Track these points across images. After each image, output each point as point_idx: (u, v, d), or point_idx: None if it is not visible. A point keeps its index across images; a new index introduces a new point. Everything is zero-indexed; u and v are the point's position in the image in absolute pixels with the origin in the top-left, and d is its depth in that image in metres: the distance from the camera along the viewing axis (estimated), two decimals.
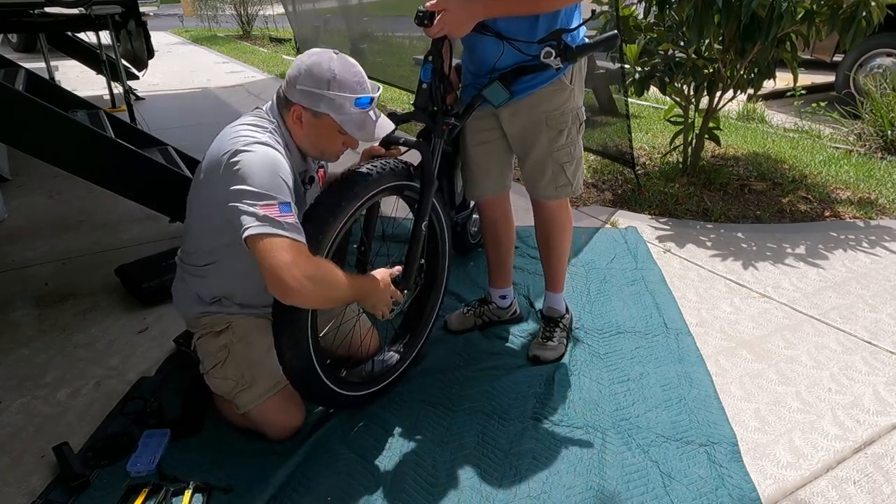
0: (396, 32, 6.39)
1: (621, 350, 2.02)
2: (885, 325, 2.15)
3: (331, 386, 1.61)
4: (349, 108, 1.46)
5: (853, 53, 5.08)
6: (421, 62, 1.72)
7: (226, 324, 1.62)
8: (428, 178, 1.69)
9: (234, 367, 1.59)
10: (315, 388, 1.60)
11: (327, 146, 1.55)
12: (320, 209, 1.50)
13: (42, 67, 5.57)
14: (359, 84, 1.48)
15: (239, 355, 1.60)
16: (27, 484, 1.52)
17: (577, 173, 1.87)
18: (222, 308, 1.63)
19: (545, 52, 1.59)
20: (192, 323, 1.68)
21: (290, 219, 1.34)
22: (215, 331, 1.62)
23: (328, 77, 1.44)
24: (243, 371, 1.59)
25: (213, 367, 1.60)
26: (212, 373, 1.61)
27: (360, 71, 1.50)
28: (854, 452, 1.60)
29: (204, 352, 1.63)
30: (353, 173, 1.58)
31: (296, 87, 1.46)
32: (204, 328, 1.63)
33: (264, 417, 1.60)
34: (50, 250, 2.79)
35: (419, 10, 1.60)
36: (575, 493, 1.47)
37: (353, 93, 1.46)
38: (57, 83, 5.10)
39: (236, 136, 1.43)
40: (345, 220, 1.52)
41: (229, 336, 1.61)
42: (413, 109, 1.75)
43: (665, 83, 3.27)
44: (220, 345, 1.60)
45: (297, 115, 1.48)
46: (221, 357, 1.60)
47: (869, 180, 3.51)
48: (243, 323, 1.62)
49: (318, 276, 1.35)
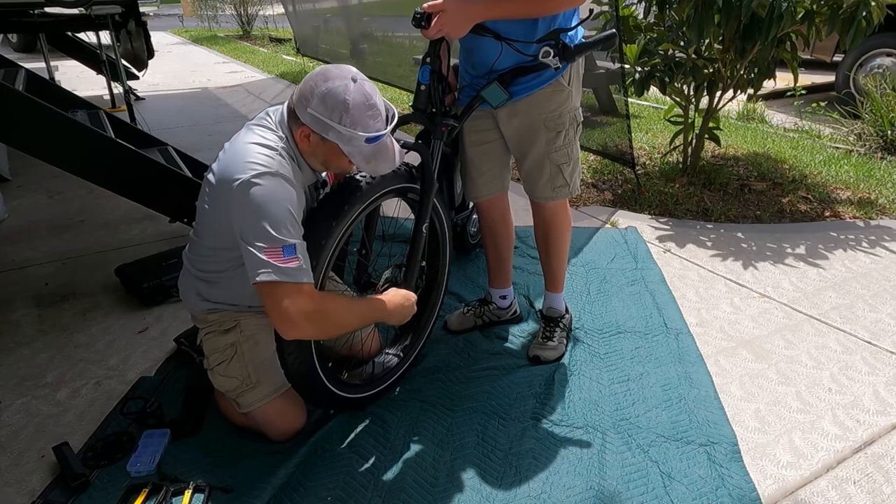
0: (396, 32, 6.39)
1: (621, 350, 2.02)
2: (885, 325, 2.15)
3: (333, 389, 1.62)
4: (359, 142, 1.41)
5: (853, 53, 5.09)
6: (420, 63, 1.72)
7: (234, 321, 1.61)
8: (428, 181, 1.68)
9: (239, 367, 1.59)
10: (318, 392, 1.60)
11: (335, 165, 1.52)
12: (324, 213, 1.50)
13: (42, 67, 5.57)
14: (372, 118, 1.42)
15: (246, 355, 1.59)
16: (27, 484, 1.52)
17: (574, 174, 1.87)
18: (231, 305, 1.62)
19: (543, 51, 1.59)
20: (198, 317, 1.66)
21: (294, 263, 1.37)
22: (223, 329, 1.61)
23: (341, 110, 1.38)
24: (249, 371, 1.59)
25: (218, 364, 1.60)
26: (217, 370, 1.60)
27: (377, 103, 1.43)
28: (854, 452, 1.60)
29: (210, 348, 1.62)
30: (356, 177, 1.58)
31: (307, 109, 1.40)
32: (211, 325, 1.63)
33: (266, 419, 1.60)
34: (50, 250, 2.79)
35: (416, 12, 1.60)
36: (575, 493, 1.47)
37: (366, 130, 1.40)
38: (57, 83, 5.09)
39: (248, 161, 1.39)
40: (349, 223, 1.52)
41: (237, 335, 1.60)
42: (412, 111, 1.75)
43: (665, 83, 3.26)
44: (228, 343, 1.60)
45: (306, 134, 1.44)
46: (228, 355, 1.59)
47: (869, 180, 3.51)
48: (252, 322, 1.62)
49: (316, 314, 1.40)
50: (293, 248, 1.38)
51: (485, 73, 1.74)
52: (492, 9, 1.61)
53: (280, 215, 1.37)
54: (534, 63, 1.64)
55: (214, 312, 1.62)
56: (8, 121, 2.16)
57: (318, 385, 1.58)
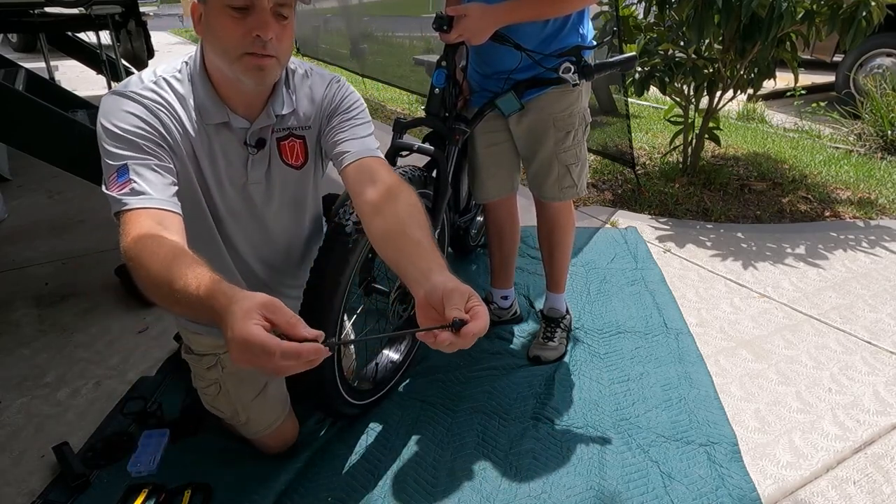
0: (396, 32, 6.39)
1: (621, 350, 2.02)
2: (885, 325, 2.15)
3: (348, 398, 1.62)
4: None
5: (853, 53, 5.08)
6: (421, 62, 1.72)
7: (214, 360, 1.47)
8: (443, 186, 1.67)
9: (226, 404, 1.50)
10: (336, 403, 1.60)
11: (227, 39, 1.11)
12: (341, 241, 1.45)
13: (42, 67, 5.56)
14: None
15: (231, 393, 1.48)
16: (27, 484, 1.52)
17: (581, 175, 1.87)
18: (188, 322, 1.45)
19: (564, 67, 1.59)
20: (176, 320, 1.54)
21: (126, 188, 1.07)
22: (203, 364, 1.48)
23: None
24: (237, 409, 1.50)
25: (204, 388, 1.51)
26: (204, 392, 1.52)
27: None
28: (854, 452, 1.60)
29: (192, 369, 1.53)
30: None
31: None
32: (187, 347, 1.51)
33: (261, 443, 1.57)
34: (50, 250, 2.79)
35: (438, 15, 1.59)
36: (575, 493, 1.47)
37: None
38: (57, 83, 5.09)
39: None
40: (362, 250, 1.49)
41: (218, 372, 1.47)
42: (425, 115, 1.74)
43: (665, 83, 3.26)
44: (211, 379, 1.49)
45: (197, 16, 1.15)
46: (212, 392, 1.50)
47: (869, 180, 3.51)
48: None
49: (129, 254, 1.02)
50: (125, 169, 1.08)
51: (494, 73, 1.74)
52: (513, 12, 1.59)
53: (108, 134, 1.11)
54: (552, 76, 1.64)
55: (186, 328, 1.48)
56: (8, 121, 2.15)
57: (338, 397, 1.58)
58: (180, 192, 1.15)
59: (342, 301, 1.45)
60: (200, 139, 1.23)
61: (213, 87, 1.21)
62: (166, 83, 1.20)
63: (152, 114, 1.15)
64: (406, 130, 1.75)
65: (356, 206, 1.22)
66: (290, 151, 1.34)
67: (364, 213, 1.18)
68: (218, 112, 1.22)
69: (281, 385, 1.58)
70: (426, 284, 0.92)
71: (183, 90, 1.21)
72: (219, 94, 1.22)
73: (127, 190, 1.06)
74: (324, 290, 1.42)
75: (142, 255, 0.98)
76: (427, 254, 1.01)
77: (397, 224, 1.09)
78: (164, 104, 1.18)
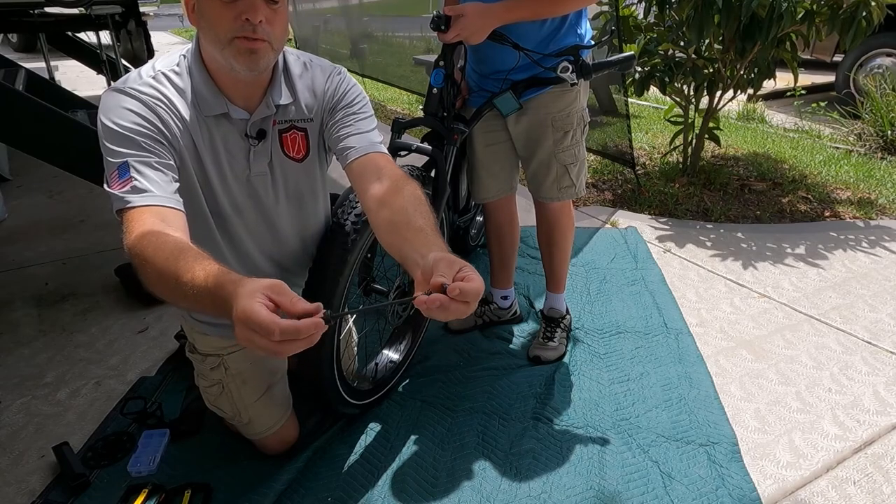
0: (396, 32, 6.39)
1: (621, 350, 2.02)
2: (885, 325, 2.15)
3: (347, 398, 1.62)
4: None
5: (853, 53, 5.09)
6: (421, 62, 1.72)
7: (217, 361, 1.46)
8: (442, 186, 1.67)
9: (228, 404, 1.50)
10: (336, 403, 1.61)
11: (218, 24, 1.11)
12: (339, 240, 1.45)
13: (42, 67, 5.56)
14: None
15: (234, 394, 1.48)
16: (27, 484, 1.52)
17: (580, 175, 1.87)
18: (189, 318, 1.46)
19: (562, 66, 1.59)
20: (182, 319, 1.53)
21: (127, 185, 1.08)
22: (207, 364, 1.48)
23: None
24: (239, 410, 1.50)
25: (206, 388, 1.51)
26: (206, 391, 1.51)
27: None
28: (854, 452, 1.60)
29: (196, 368, 1.53)
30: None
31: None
32: (191, 346, 1.50)
33: (261, 443, 1.57)
34: (50, 250, 2.79)
35: (436, 14, 1.59)
36: (575, 493, 1.47)
37: None
38: (57, 83, 5.09)
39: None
40: (363, 244, 1.49)
41: (222, 373, 1.47)
42: (423, 114, 1.74)
43: (665, 83, 3.26)
44: (214, 379, 1.48)
45: (191, 6, 1.16)
46: (215, 392, 1.49)
47: (869, 180, 3.51)
48: (236, 358, 1.47)
49: (133, 251, 1.01)
50: (126, 166, 1.09)
51: (492, 73, 1.74)
52: (511, 12, 1.59)
53: (108, 132, 1.11)
54: (551, 76, 1.64)
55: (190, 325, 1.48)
56: (8, 121, 2.16)
57: (336, 397, 1.58)
58: (182, 189, 1.15)
59: (342, 301, 1.45)
60: (201, 132, 1.23)
61: (210, 78, 1.21)
62: (165, 78, 1.20)
63: (151, 110, 1.15)
64: (404, 130, 1.75)
65: (361, 201, 1.23)
66: (292, 144, 1.34)
67: (369, 207, 1.19)
68: (216, 103, 1.21)
69: (284, 387, 1.58)
70: (422, 263, 0.93)
71: (182, 83, 1.21)
72: (217, 84, 1.21)
73: (129, 188, 1.07)
74: (323, 290, 1.42)
75: (147, 251, 0.98)
76: (429, 239, 1.02)
77: (402, 215, 1.10)
78: (163, 100, 1.17)
